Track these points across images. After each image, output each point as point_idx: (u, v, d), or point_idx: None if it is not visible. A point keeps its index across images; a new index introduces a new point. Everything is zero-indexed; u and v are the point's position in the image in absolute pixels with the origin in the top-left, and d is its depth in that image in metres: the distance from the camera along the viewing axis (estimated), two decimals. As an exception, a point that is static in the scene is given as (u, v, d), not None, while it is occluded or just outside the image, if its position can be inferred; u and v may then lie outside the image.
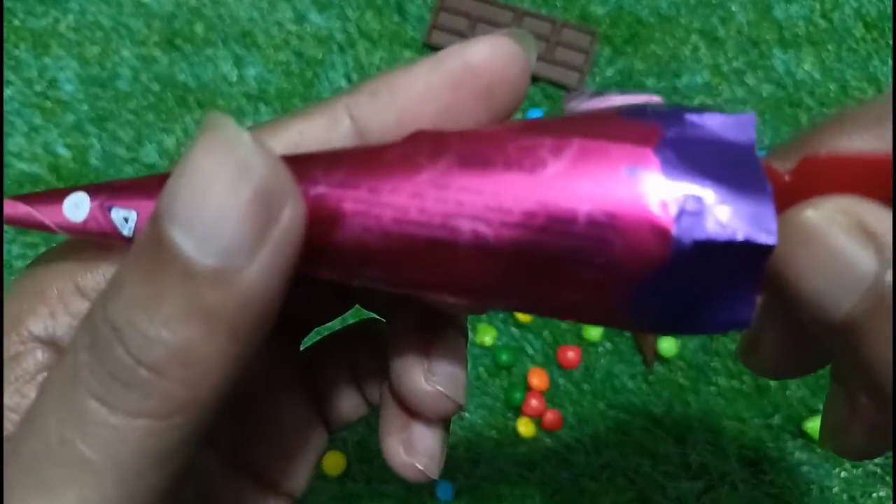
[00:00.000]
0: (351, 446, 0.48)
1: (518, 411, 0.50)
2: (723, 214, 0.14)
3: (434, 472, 0.20)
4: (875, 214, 0.14)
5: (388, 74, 0.17)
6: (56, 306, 0.16)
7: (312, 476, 0.48)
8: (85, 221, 0.15)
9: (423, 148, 0.15)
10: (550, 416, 0.49)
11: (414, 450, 0.19)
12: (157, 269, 0.13)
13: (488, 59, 0.16)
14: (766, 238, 0.14)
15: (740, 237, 0.14)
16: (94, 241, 0.16)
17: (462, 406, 0.19)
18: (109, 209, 0.15)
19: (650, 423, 0.50)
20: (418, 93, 0.16)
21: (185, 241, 0.12)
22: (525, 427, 0.49)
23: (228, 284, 0.13)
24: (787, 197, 0.15)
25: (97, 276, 0.16)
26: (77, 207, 0.15)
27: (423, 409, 0.19)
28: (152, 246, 0.13)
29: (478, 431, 0.50)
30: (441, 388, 0.19)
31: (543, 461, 0.49)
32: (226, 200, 0.12)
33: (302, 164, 0.15)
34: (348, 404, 0.22)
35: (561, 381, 0.50)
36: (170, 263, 0.13)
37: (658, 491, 0.49)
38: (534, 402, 0.50)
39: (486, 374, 0.50)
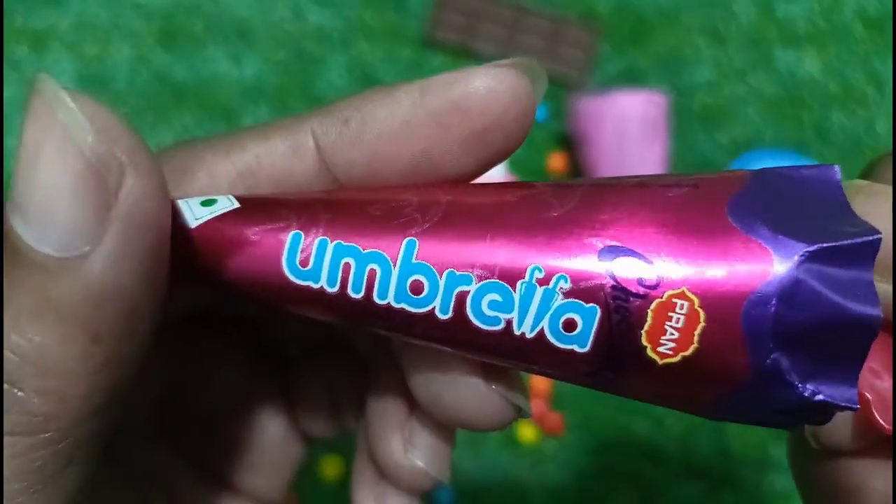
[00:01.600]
0: (351, 450, 0.48)
1: (519, 412, 0.50)
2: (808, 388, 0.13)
3: None
4: None
5: (363, 98, 0.14)
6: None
7: (311, 480, 0.48)
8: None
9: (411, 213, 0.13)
10: (552, 419, 0.49)
11: None
12: (9, 265, 0.11)
13: (483, 97, 0.13)
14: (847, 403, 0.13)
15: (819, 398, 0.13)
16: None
17: (444, 482, 0.17)
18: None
19: (652, 424, 0.49)
20: (394, 130, 0.14)
21: (24, 227, 0.11)
22: (527, 430, 0.49)
23: (73, 274, 0.11)
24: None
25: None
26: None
27: (397, 482, 0.17)
28: (5, 239, 0.11)
29: (479, 435, 0.49)
30: (421, 464, 0.17)
31: (545, 464, 0.49)
32: (53, 177, 0.11)
33: (276, 205, 0.13)
34: (324, 425, 0.21)
35: (563, 383, 0.50)
36: (14, 254, 0.11)
37: (660, 493, 0.49)
38: (535, 406, 0.49)
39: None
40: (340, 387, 0.20)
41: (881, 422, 0.14)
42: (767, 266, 0.12)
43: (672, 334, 0.12)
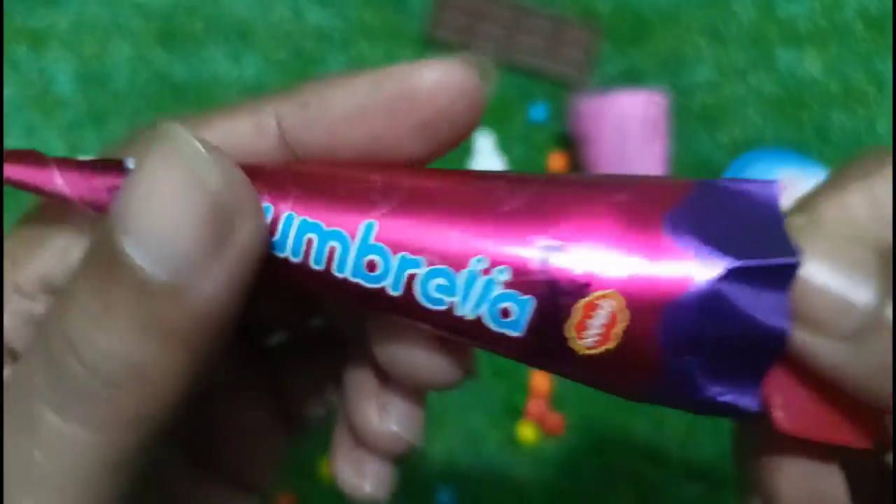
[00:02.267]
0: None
1: (519, 414, 0.49)
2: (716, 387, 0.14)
3: (382, 495, 0.19)
4: None
5: (322, 84, 0.15)
6: None
7: (310, 480, 0.48)
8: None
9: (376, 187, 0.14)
10: (552, 420, 0.49)
11: (362, 473, 0.19)
12: (110, 281, 0.12)
13: (431, 89, 0.14)
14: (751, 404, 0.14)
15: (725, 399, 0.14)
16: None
17: (416, 445, 0.18)
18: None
19: (653, 425, 0.49)
20: (350, 114, 0.15)
21: (138, 253, 0.12)
22: (527, 430, 0.49)
23: (182, 299, 0.12)
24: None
25: (32, 273, 0.16)
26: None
27: (373, 446, 0.18)
28: (104, 256, 0.12)
29: (480, 435, 0.49)
30: (394, 428, 0.18)
31: (545, 464, 0.49)
32: (180, 215, 0.12)
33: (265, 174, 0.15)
34: (312, 408, 0.22)
35: (563, 383, 0.50)
36: (122, 275, 0.12)
37: (660, 494, 0.48)
38: (535, 406, 0.49)
39: (488, 377, 0.50)
40: (326, 372, 0.21)
41: (782, 424, 0.15)
42: (691, 277, 0.13)
43: (596, 329, 0.14)
